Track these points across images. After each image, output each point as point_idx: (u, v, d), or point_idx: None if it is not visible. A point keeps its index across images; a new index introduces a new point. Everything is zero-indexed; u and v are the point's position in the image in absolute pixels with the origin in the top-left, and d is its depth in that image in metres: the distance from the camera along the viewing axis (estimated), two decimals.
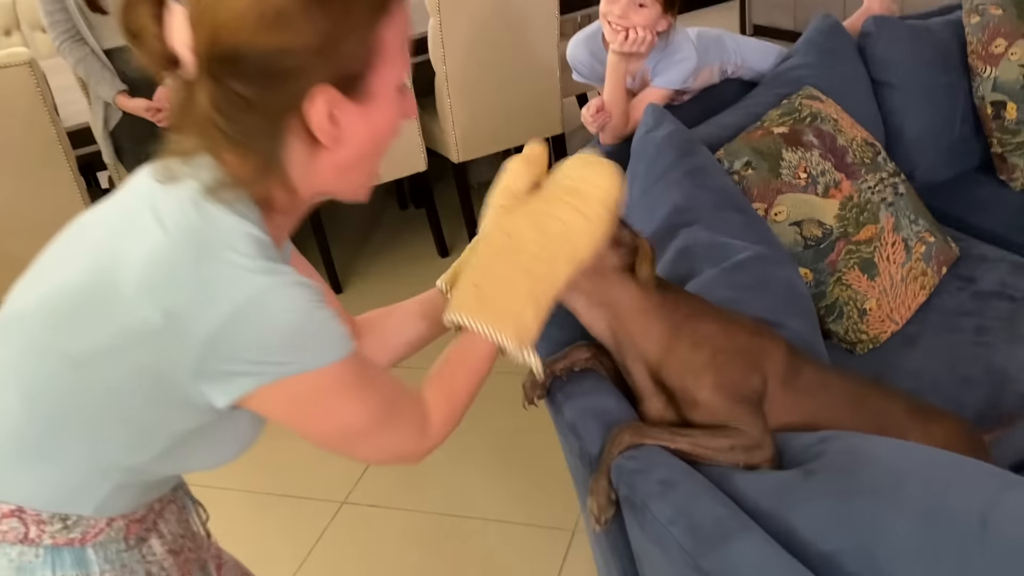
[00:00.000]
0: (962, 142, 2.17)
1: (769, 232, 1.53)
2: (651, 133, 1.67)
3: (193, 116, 0.77)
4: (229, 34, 0.73)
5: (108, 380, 0.78)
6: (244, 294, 0.73)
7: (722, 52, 2.06)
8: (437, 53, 2.95)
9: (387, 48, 0.79)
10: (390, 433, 0.88)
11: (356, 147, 0.81)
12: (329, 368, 0.79)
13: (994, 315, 1.68)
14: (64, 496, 0.84)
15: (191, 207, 0.76)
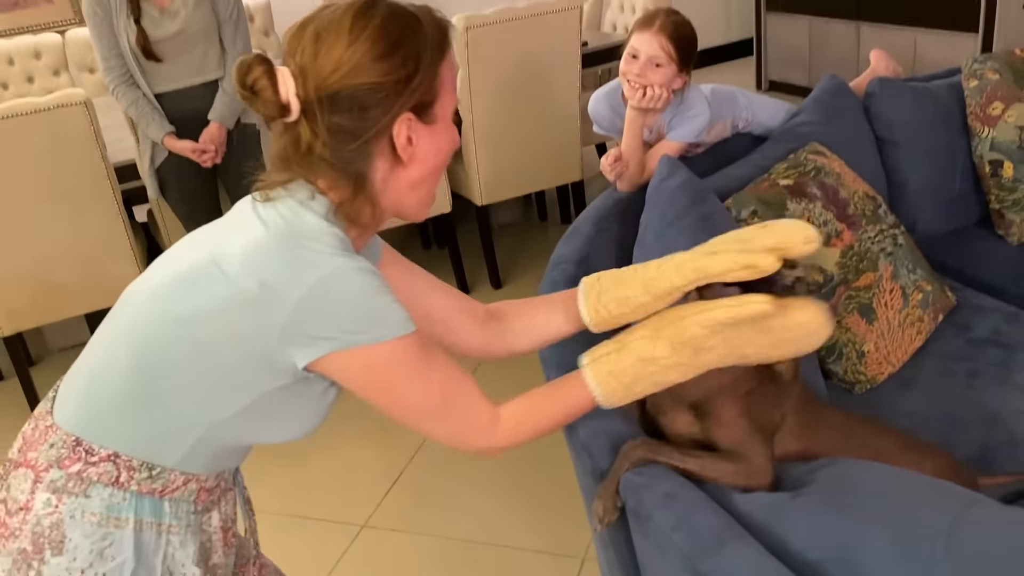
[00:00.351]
0: (962, 197, 2.29)
1: None
2: (665, 182, 1.79)
3: (300, 153, 0.96)
4: (330, 78, 0.92)
5: (207, 338, 0.93)
6: (325, 271, 0.90)
7: (734, 108, 2.19)
8: (465, 103, 3.11)
9: (445, 82, 1.00)
10: (456, 418, 1.00)
11: (424, 164, 1.00)
12: (394, 342, 0.93)
13: (987, 361, 1.78)
14: (154, 444, 0.98)
15: (288, 212, 0.95)
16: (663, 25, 1.90)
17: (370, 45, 0.93)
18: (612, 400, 1.03)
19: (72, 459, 0.97)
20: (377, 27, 0.93)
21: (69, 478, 0.97)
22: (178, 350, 0.95)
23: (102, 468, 0.97)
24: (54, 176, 2.66)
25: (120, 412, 0.98)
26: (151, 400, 0.97)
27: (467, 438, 1.02)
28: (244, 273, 0.91)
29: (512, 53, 3.09)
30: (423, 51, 0.96)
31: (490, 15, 2.99)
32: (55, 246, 2.73)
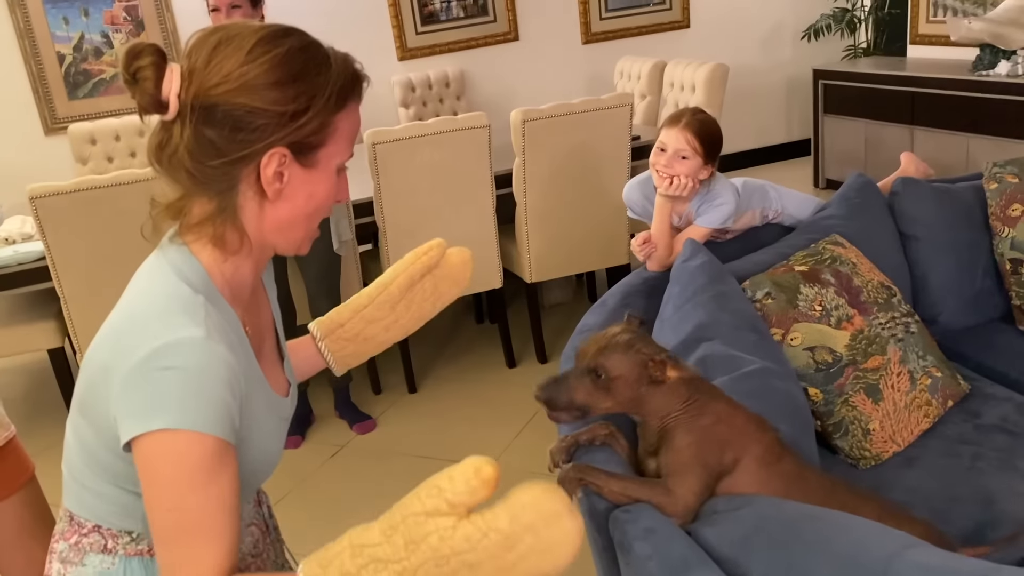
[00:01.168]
0: (984, 293, 2.38)
1: (779, 352, 1.78)
2: (687, 262, 1.96)
3: (167, 153, 0.94)
4: (213, 89, 0.90)
5: (92, 420, 0.96)
6: (153, 346, 0.87)
7: (764, 200, 2.35)
8: (519, 187, 3.35)
9: (338, 133, 0.97)
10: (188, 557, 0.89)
11: (293, 206, 0.97)
12: (190, 435, 0.86)
13: (992, 446, 1.85)
14: (117, 514, 1.01)
15: (150, 268, 0.98)
16: (689, 122, 2.10)
17: (265, 70, 0.91)
18: None
19: (70, 532, 1.05)
20: (280, 55, 0.92)
21: (70, 549, 1.05)
22: (86, 435, 0.98)
23: (92, 538, 1.03)
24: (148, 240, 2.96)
25: (81, 491, 1.02)
26: (92, 483, 1.00)
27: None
28: (95, 352, 0.94)
29: (566, 144, 3.33)
30: (319, 94, 0.93)
31: (546, 109, 3.24)
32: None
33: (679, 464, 1.26)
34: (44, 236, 2.86)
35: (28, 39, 4.64)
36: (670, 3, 5.79)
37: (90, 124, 4.54)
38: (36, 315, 3.31)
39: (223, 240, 0.97)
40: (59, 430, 3.60)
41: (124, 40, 4.81)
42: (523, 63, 5.56)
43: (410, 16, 5.25)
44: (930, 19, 5.19)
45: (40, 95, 4.72)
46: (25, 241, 3.30)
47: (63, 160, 4.64)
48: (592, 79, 5.69)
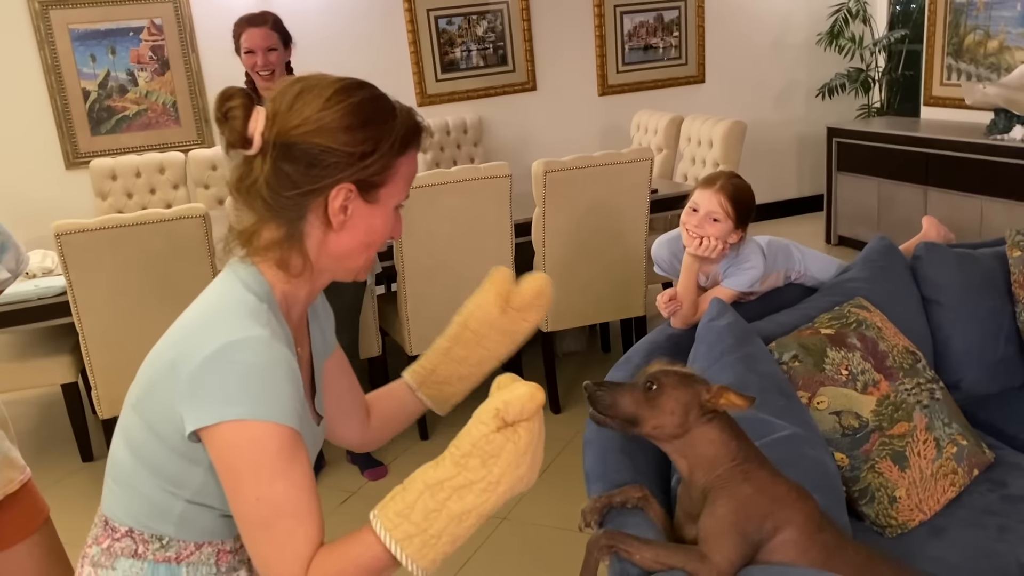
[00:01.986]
0: (1006, 361, 2.38)
1: (807, 416, 1.78)
2: (714, 322, 1.97)
3: (246, 184, 1.05)
4: (293, 129, 1.03)
5: (149, 417, 1.03)
6: (223, 341, 0.96)
7: (789, 260, 2.36)
8: (538, 236, 3.36)
9: (398, 176, 1.08)
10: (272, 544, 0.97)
11: (354, 237, 1.07)
12: (264, 425, 0.95)
13: (1019, 518, 1.83)
14: (151, 519, 1.08)
15: (222, 281, 1.06)
16: (723, 185, 2.11)
17: (340, 116, 1.02)
18: (412, 549, 0.96)
19: (104, 536, 1.11)
20: (353, 104, 1.03)
21: (102, 553, 1.10)
22: (139, 435, 1.04)
23: (124, 543, 1.09)
24: (168, 277, 2.98)
25: (122, 493, 1.09)
26: (135, 484, 1.07)
27: (276, 570, 0.98)
28: (164, 351, 1.02)
29: (585, 196, 3.35)
30: (385, 139, 1.04)
31: (567, 161, 3.28)
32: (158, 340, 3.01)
33: (718, 530, 1.25)
34: (67, 272, 2.88)
35: (55, 74, 4.71)
36: (686, 58, 5.88)
37: (111, 160, 4.58)
38: (52, 349, 3.31)
39: (288, 263, 1.07)
40: (69, 465, 3.58)
41: (149, 79, 4.88)
42: (540, 112, 5.63)
43: (431, 63, 5.33)
44: (944, 82, 5.26)
45: (63, 130, 4.78)
46: (45, 275, 3.32)
47: (83, 195, 4.68)
48: (608, 130, 5.75)
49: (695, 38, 5.85)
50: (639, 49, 5.76)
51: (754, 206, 2.17)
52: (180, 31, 4.86)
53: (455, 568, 2.61)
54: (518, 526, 2.78)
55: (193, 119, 4.98)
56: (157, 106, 4.93)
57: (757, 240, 2.31)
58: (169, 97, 4.94)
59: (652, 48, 5.79)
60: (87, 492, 3.22)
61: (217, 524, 1.10)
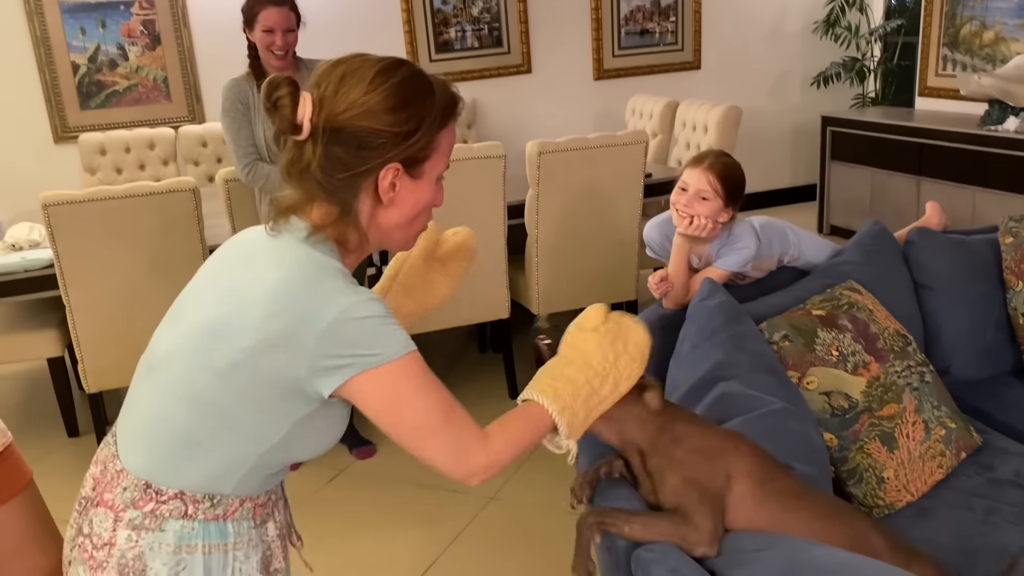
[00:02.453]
0: (996, 347, 2.38)
1: (796, 394, 1.77)
2: (705, 301, 1.96)
3: (299, 167, 1.11)
4: (341, 114, 1.08)
5: (246, 382, 1.08)
6: (340, 307, 1.05)
7: (784, 244, 2.34)
8: (531, 219, 3.35)
9: (441, 147, 1.15)
10: (455, 432, 1.11)
11: (402, 211, 1.15)
12: (400, 360, 1.07)
13: (1006, 501, 1.84)
14: (213, 479, 1.13)
15: (294, 252, 1.10)
16: (712, 164, 2.10)
17: (383, 98, 1.08)
18: (567, 415, 1.15)
19: (145, 500, 1.12)
20: (395, 84, 1.09)
21: (145, 516, 1.12)
22: (223, 400, 1.09)
23: (172, 505, 1.12)
24: (156, 252, 2.96)
25: (181, 457, 1.12)
26: (206, 445, 1.11)
27: (466, 456, 1.11)
28: (268, 320, 1.05)
29: (580, 178, 3.34)
30: (427, 116, 1.11)
31: (562, 143, 3.26)
32: (146, 315, 2.98)
33: (681, 501, 1.26)
34: (54, 244, 2.85)
35: (44, 47, 4.65)
36: (682, 44, 5.86)
37: (101, 135, 4.54)
38: (38, 323, 3.28)
39: (346, 239, 1.14)
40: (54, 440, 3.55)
41: (140, 53, 4.83)
42: (535, 96, 5.60)
43: (424, 43, 5.29)
44: (939, 72, 5.25)
45: (52, 103, 4.73)
46: (32, 248, 3.29)
47: (72, 169, 4.64)
48: (603, 115, 5.73)
49: (692, 24, 5.83)
50: (635, 34, 5.74)
51: (744, 184, 2.16)
52: (172, 6, 4.81)
53: (443, 545, 2.61)
54: (507, 506, 2.78)
55: (184, 95, 4.93)
56: (147, 81, 4.88)
57: (751, 221, 2.30)
58: (160, 72, 4.89)
59: (648, 33, 5.77)
60: (72, 467, 3.20)
61: (267, 480, 1.18)
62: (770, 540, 1.20)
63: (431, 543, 2.64)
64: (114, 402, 3.62)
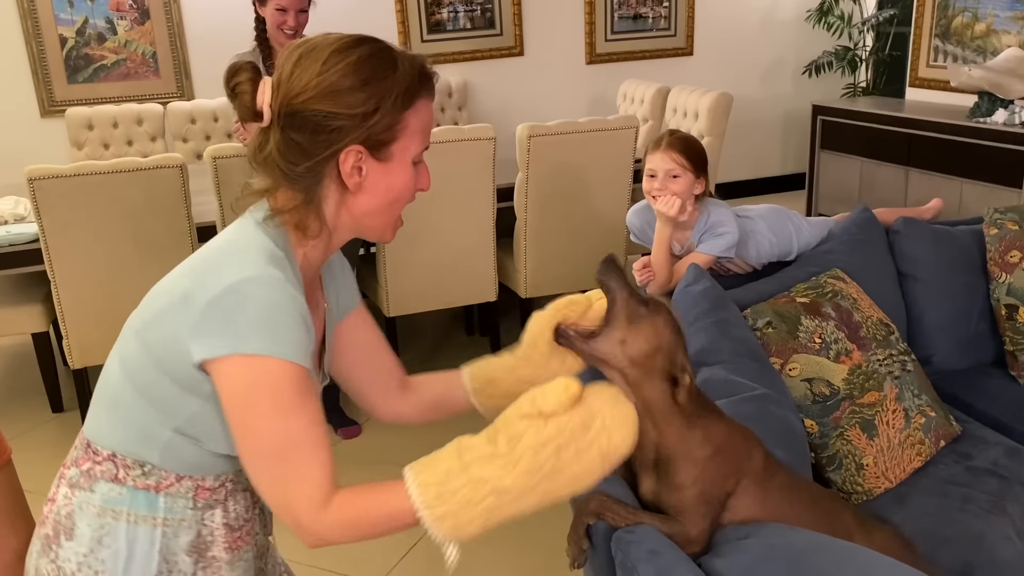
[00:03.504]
0: (978, 337, 2.40)
1: (778, 380, 1.78)
2: (690, 287, 1.97)
3: (264, 154, 1.07)
4: (295, 98, 1.03)
5: (152, 343, 1.04)
6: (241, 276, 0.98)
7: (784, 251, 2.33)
8: (520, 202, 3.35)
9: (409, 129, 1.07)
10: (291, 479, 0.98)
11: (374, 197, 1.08)
12: (279, 362, 0.97)
13: (982, 489, 1.86)
14: (136, 445, 1.08)
15: (242, 227, 1.07)
16: (671, 143, 2.13)
17: (337, 78, 1.02)
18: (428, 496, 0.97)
19: (84, 459, 1.12)
20: (351, 63, 1.02)
21: (81, 475, 1.11)
22: (139, 361, 1.06)
23: (105, 466, 1.10)
24: (142, 228, 2.94)
25: (109, 417, 1.11)
26: (128, 408, 1.08)
27: (295, 506, 0.99)
28: (178, 280, 1.04)
29: (569, 162, 3.34)
30: (387, 95, 1.03)
31: (552, 126, 3.25)
32: (132, 291, 2.96)
33: (687, 504, 1.23)
34: (40, 218, 2.83)
35: (31, 19, 4.60)
36: (675, 29, 5.84)
37: (88, 109, 4.50)
38: (23, 298, 3.26)
39: (305, 226, 1.08)
40: (38, 416, 3.54)
41: (129, 28, 4.78)
42: (526, 78, 5.58)
43: (416, 24, 5.26)
44: (930, 63, 5.26)
45: (39, 77, 4.68)
46: (17, 222, 3.26)
47: (58, 143, 4.60)
48: (594, 99, 5.72)
49: (685, 10, 5.82)
50: (628, 18, 5.72)
51: (705, 152, 2.18)
52: None
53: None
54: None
55: (173, 71, 4.89)
56: (136, 56, 4.84)
57: (755, 214, 2.30)
58: (149, 48, 4.84)
59: (641, 18, 5.75)
60: (56, 442, 3.20)
61: (201, 459, 1.10)
62: (749, 529, 1.22)
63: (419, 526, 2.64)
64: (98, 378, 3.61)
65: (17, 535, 1.63)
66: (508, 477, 0.97)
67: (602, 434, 0.99)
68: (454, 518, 0.97)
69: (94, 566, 1.10)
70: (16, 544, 1.62)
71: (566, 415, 0.98)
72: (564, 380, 0.99)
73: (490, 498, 0.97)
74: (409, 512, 0.98)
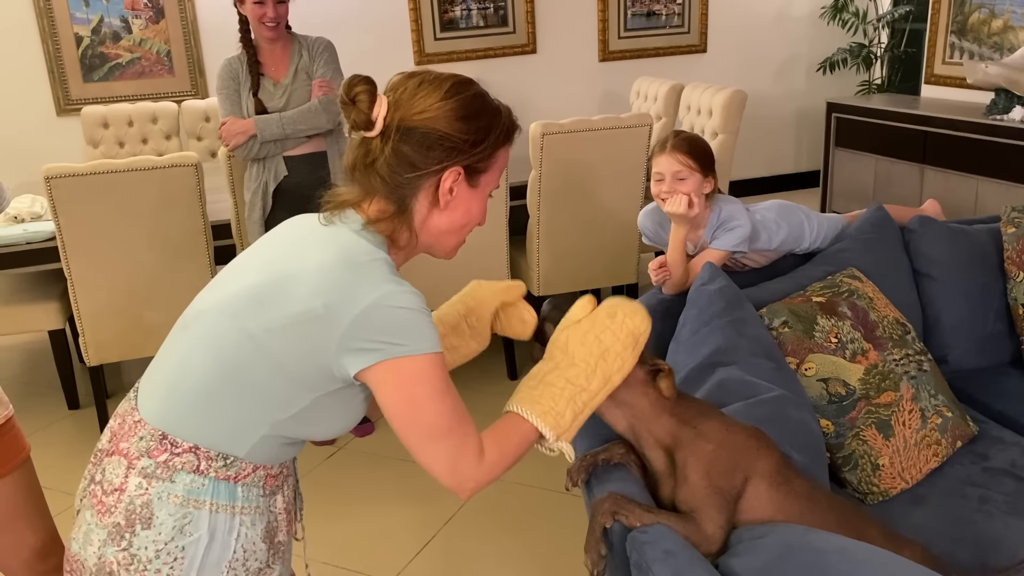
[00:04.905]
0: (995, 336, 2.38)
1: (795, 381, 1.78)
2: (705, 286, 1.96)
3: (365, 163, 1.19)
4: (415, 116, 1.17)
5: (276, 350, 1.12)
6: (378, 293, 1.10)
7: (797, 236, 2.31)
8: (533, 200, 3.34)
9: (498, 164, 1.25)
10: (457, 443, 1.14)
11: (454, 217, 1.23)
12: (426, 356, 1.11)
13: (1000, 490, 1.85)
14: (228, 439, 1.16)
15: (346, 239, 1.16)
16: (675, 144, 2.11)
17: (456, 107, 1.17)
18: (550, 420, 1.17)
19: (160, 450, 1.15)
20: (468, 97, 1.18)
21: (158, 466, 1.15)
22: (250, 361, 1.13)
23: (185, 458, 1.15)
24: (158, 226, 2.96)
25: (199, 412, 1.15)
26: (225, 403, 1.15)
27: (462, 464, 1.15)
28: (311, 295, 1.11)
29: (582, 160, 3.33)
30: (492, 130, 1.20)
31: (565, 124, 3.25)
32: (148, 289, 3.00)
33: (698, 499, 1.24)
34: (56, 216, 2.85)
35: (47, 18, 4.63)
36: (688, 26, 5.82)
37: (104, 107, 4.53)
38: (40, 295, 3.29)
39: (397, 235, 1.21)
40: (55, 412, 3.57)
41: (144, 26, 4.81)
42: (539, 76, 5.57)
43: (430, 21, 5.26)
44: (946, 60, 5.22)
45: (55, 75, 4.71)
46: (34, 220, 3.29)
47: (74, 142, 4.63)
48: (607, 97, 5.71)
49: (698, 6, 5.79)
50: (641, 15, 5.70)
51: (711, 150, 2.17)
52: None
53: (440, 523, 2.63)
54: (505, 486, 2.80)
55: (187, 69, 4.91)
56: (151, 55, 4.86)
57: (763, 208, 2.29)
58: (163, 46, 4.87)
59: (655, 15, 5.73)
60: (72, 439, 3.23)
61: (281, 449, 1.20)
62: (767, 528, 1.21)
63: (429, 520, 2.66)
64: (114, 375, 3.64)
65: (35, 532, 1.64)
66: (571, 369, 1.20)
67: (626, 319, 1.23)
68: (555, 415, 1.18)
69: (174, 553, 1.14)
70: (34, 541, 1.64)
71: (592, 314, 1.23)
72: (583, 298, 1.24)
73: (568, 388, 1.19)
74: (530, 427, 1.18)
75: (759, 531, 1.21)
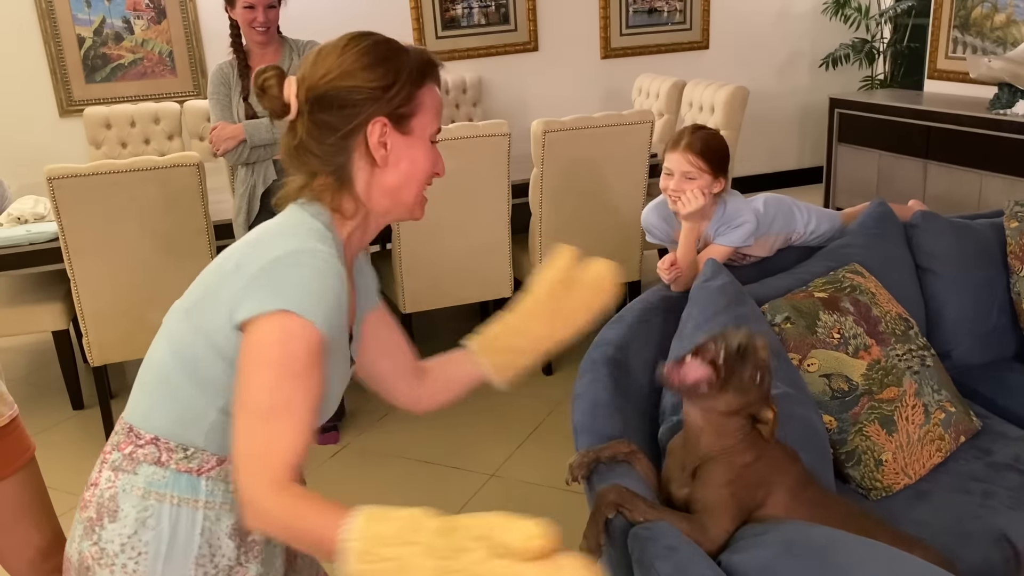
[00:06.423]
0: (998, 331, 2.38)
1: (798, 378, 1.77)
2: (708, 282, 1.96)
3: (295, 143, 1.16)
4: (320, 80, 1.13)
5: (204, 323, 1.10)
6: (288, 248, 1.07)
7: (790, 222, 2.33)
8: (535, 198, 3.34)
9: (425, 105, 1.17)
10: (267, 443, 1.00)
11: (398, 171, 1.17)
12: (302, 321, 1.02)
13: (1004, 485, 1.84)
14: (179, 428, 1.14)
15: (287, 215, 1.15)
16: (689, 143, 2.09)
17: (356, 57, 1.14)
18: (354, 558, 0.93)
19: (126, 443, 1.16)
20: (366, 46, 1.15)
21: (124, 458, 1.16)
22: (186, 336, 1.13)
23: (147, 450, 1.15)
24: (160, 226, 2.96)
25: (153, 400, 1.16)
26: (175, 390, 1.13)
27: (256, 469, 1.01)
28: (231, 256, 1.12)
29: (584, 157, 3.33)
30: (401, 70, 1.15)
31: (567, 121, 3.25)
32: (152, 289, 3.00)
33: (714, 503, 1.24)
34: (59, 217, 2.85)
35: (49, 19, 4.64)
36: (690, 23, 5.81)
37: (106, 108, 4.53)
38: (43, 296, 3.29)
39: (341, 207, 1.16)
40: (59, 413, 3.58)
41: (146, 27, 4.81)
42: (541, 74, 5.57)
43: (431, 20, 5.26)
44: (948, 55, 5.21)
45: (57, 76, 4.72)
46: (37, 221, 3.29)
47: (77, 143, 4.64)
48: (609, 94, 5.70)
49: (700, 3, 5.78)
50: (643, 12, 5.70)
51: (726, 150, 2.15)
52: None
53: None
54: (507, 483, 2.80)
55: (189, 70, 4.92)
56: (153, 55, 4.87)
57: (754, 200, 2.29)
58: (165, 47, 4.87)
59: (656, 12, 5.72)
60: (77, 440, 3.23)
61: None
62: (768, 525, 1.21)
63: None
64: (118, 375, 3.64)
65: (41, 532, 1.65)
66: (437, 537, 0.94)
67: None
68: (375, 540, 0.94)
69: (137, 547, 1.13)
70: (39, 541, 1.64)
71: (522, 564, 0.91)
72: (534, 529, 0.93)
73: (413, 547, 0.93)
74: (331, 545, 0.95)
75: (760, 528, 1.21)
